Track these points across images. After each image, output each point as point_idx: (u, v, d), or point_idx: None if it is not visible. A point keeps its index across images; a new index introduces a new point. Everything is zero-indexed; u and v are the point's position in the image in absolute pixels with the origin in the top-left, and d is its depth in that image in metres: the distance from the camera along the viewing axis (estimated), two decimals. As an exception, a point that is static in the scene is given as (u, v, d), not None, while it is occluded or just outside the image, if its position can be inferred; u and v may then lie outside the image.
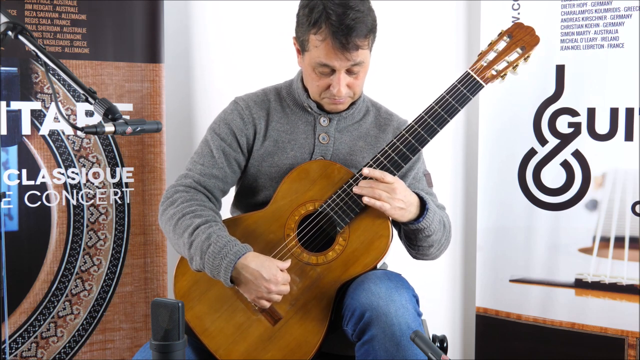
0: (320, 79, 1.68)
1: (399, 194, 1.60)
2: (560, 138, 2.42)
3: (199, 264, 1.60)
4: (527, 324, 2.50)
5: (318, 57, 1.64)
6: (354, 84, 1.69)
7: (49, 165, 2.12)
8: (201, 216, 1.64)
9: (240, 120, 1.77)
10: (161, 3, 2.26)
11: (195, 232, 1.61)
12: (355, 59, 1.62)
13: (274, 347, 1.62)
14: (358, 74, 1.68)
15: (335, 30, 1.58)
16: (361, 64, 1.65)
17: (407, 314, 1.52)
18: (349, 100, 1.74)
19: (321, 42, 1.61)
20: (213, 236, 1.59)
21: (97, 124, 1.39)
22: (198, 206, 1.67)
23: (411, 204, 1.63)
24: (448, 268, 2.79)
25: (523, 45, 1.69)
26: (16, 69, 2.06)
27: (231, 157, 1.76)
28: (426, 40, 2.71)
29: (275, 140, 1.77)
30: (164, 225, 1.70)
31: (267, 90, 1.84)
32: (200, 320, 1.65)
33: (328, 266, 1.64)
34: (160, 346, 1.20)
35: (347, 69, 1.65)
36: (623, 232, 2.33)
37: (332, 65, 1.63)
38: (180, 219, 1.64)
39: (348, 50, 1.60)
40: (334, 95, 1.68)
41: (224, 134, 1.76)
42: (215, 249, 1.57)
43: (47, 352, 2.13)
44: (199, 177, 1.73)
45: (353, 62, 1.63)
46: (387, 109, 1.88)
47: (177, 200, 1.68)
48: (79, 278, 2.17)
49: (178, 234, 1.64)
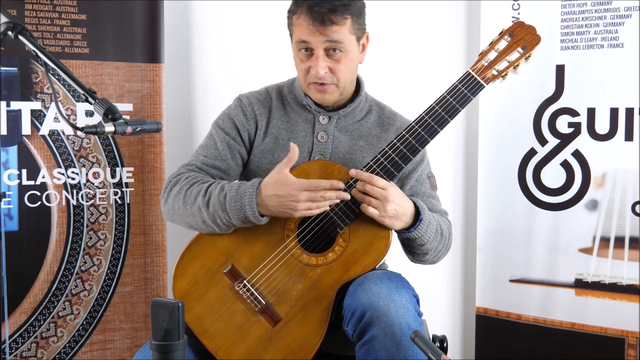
0: (302, 63, 1.70)
1: (392, 201, 1.58)
2: (560, 138, 2.42)
3: (223, 217, 1.61)
4: (527, 324, 2.50)
5: (298, 35, 1.67)
6: (335, 68, 1.68)
7: (49, 165, 2.12)
8: (208, 181, 1.68)
9: (242, 116, 1.79)
10: (161, 3, 2.26)
11: (209, 191, 1.64)
12: (331, 34, 1.63)
13: (274, 348, 1.61)
14: (339, 58, 1.67)
15: (311, 5, 1.61)
16: (340, 44, 1.65)
17: (408, 314, 1.52)
18: (334, 89, 1.72)
19: (298, 20, 1.65)
20: (226, 186, 1.63)
21: (97, 124, 1.40)
22: (203, 177, 1.72)
23: (404, 213, 1.62)
24: (448, 268, 2.79)
25: (524, 44, 1.69)
26: (16, 69, 2.06)
27: (235, 150, 1.78)
28: (426, 40, 2.71)
29: (276, 137, 1.78)
30: (172, 203, 1.71)
31: (270, 88, 1.86)
32: (200, 321, 1.65)
33: (328, 267, 1.64)
34: (160, 346, 1.20)
35: (327, 51, 1.66)
36: (623, 232, 2.33)
37: (309, 41, 1.65)
38: (188, 189, 1.68)
39: (323, 24, 1.61)
40: (314, 78, 1.68)
41: (228, 128, 1.78)
42: (232, 193, 1.60)
43: (47, 352, 2.13)
44: (201, 165, 1.77)
45: (329, 39, 1.63)
46: (391, 109, 1.87)
47: (181, 179, 1.72)
48: (79, 278, 2.17)
49: (190, 203, 1.66)
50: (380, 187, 1.59)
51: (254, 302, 1.64)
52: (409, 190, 1.78)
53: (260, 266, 1.65)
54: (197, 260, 1.68)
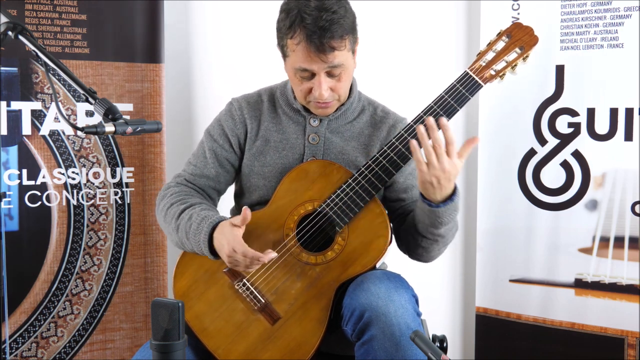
0: (302, 83, 1.68)
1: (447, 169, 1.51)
2: (560, 138, 2.42)
3: (187, 244, 1.66)
4: (527, 324, 2.50)
5: (296, 61, 1.63)
6: (336, 86, 1.68)
7: (49, 165, 2.12)
8: (187, 202, 1.71)
9: (231, 121, 1.81)
10: (161, 3, 2.26)
11: (181, 216, 1.67)
12: (333, 60, 1.61)
13: (273, 346, 1.62)
14: (340, 76, 1.66)
15: (310, 33, 1.57)
16: (341, 66, 1.64)
17: (407, 314, 1.52)
18: (336, 104, 1.74)
19: (297, 46, 1.61)
20: (194, 215, 1.65)
21: (98, 124, 1.40)
22: (185, 195, 1.74)
23: (447, 186, 1.55)
24: (448, 268, 2.79)
25: (522, 45, 1.69)
26: (16, 69, 2.06)
27: (222, 158, 1.80)
28: (426, 40, 2.71)
29: (267, 140, 1.78)
30: (158, 217, 1.79)
31: (262, 91, 1.87)
32: (199, 320, 1.65)
33: (327, 266, 1.64)
34: (160, 346, 1.20)
35: (328, 72, 1.64)
36: (623, 232, 2.33)
37: (310, 69, 1.63)
38: (168, 209, 1.72)
39: (324, 52, 1.59)
40: (317, 99, 1.68)
41: (217, 135, 1.81)
42: (194, 226, 1.63)
43: (47, 352, 2.14)
44: (190, 176, 1.80)
45: (331, 65, 1.62)
46: (384, 106, 1.87)
47: (167, 194, 1.76)
48: (79, 278, 2.17)
49: (168, 222, 1.71)
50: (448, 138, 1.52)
51: (253, 300, 1.64)
52: (403, 184, 1.79)
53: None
54: (197, 259, 1.69)
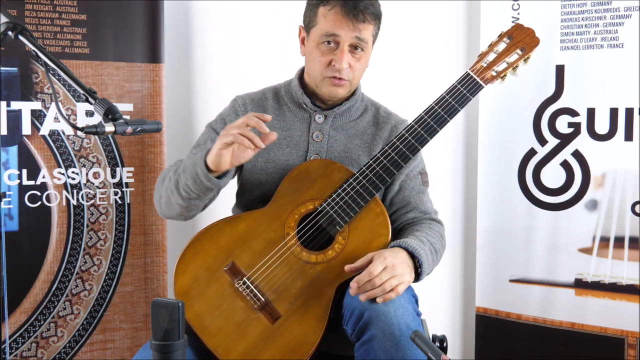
0: (323, 55, 1.70)
1: (384, 274, 1.51)
2: (560, 138, 2.42)
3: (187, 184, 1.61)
4: (527, 324, 2.50)
5: (325, 28, 1.67)
6: (354, 66, 1.71)
7: (49, 165, 2.12)
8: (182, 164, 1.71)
9: (235, 116, 1.80)
10: (161, 3, 2.26)
11: (178, 171, 1.67)
12: (361, 31, 1.66)
13: (273, 345, 1.62)
14: (360, 57, 1.71)
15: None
16: (364, 42, 1.68)
17: (407, 313, 1.52)
18: (348, 86, 1.74)
19: (329, 12, 1.66)
20: (185, 159, 1.67)
21: (97, 124, 1.40)
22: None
23: (401, 274, 1.53)
24: (448, 268, 2.79)
25: (523, 46, 1.70)
26: (16, 69, 2.06)
27: None
28: (426, 40, 2.71)
29: None
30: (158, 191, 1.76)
31: (266, 90, 1.87)
32: (200, 319, 1.65)
33: (327, 265, 1.64)
34: (160, 346, 1.20)
35: (351, 47, 1.68)
36: (623, 232, 2.33)
37: (338, 34, 1.66)
38: (165, 178, 1.73)
39: (356, 18, 1.64)
40: (336, 71, 1.69)
41: (219, 129, 1.79)
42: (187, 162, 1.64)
43: (47, 352, 2.13)
44: None
45: (358, 35, 1.66)
46: (386, 108, 1.89)
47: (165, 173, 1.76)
48: (79, 278, 2.17)
49: (167, 187, 1.69)
50: (371, 272, 1.51)
51: (254, 299, 1.64)
52: (398, 185, 1.79)
53: (260, 263, 1.65)
54: (198, 258, 1.69)
